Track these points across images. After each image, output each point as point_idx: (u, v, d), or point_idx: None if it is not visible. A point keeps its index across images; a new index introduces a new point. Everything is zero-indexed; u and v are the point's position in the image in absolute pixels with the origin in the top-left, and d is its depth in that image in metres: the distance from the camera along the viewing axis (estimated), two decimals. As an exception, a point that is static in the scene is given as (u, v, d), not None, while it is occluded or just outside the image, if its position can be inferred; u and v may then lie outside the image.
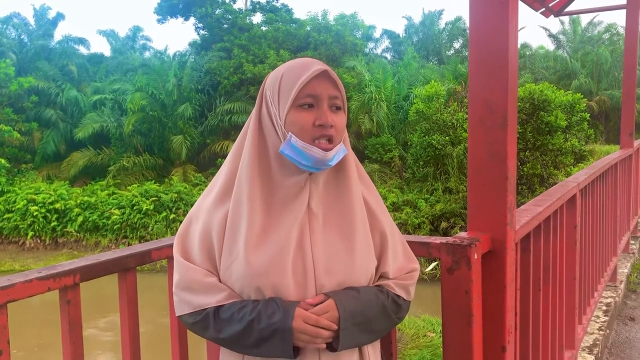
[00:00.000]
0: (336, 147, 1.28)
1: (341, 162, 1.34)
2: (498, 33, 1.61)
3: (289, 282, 1.23)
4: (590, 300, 3.52)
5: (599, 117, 27.64)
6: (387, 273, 1.38)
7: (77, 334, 1.45)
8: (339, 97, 1.30)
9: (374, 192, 1.43)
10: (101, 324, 11.41)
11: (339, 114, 1.30)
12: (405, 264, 1.43)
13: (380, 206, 1.42)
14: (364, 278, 1.32)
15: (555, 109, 14.43)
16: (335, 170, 1.35)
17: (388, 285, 1.38)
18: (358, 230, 1.32)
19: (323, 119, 1.25)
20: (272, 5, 27.68)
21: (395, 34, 34.18)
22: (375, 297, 1.32)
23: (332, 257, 1.28)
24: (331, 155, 1.26)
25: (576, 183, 2.89)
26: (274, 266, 1.23)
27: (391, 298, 1.36)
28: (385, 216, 1.42)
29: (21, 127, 21.16)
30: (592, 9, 6.22)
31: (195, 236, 1.32)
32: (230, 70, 22.00)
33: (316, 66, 1.27)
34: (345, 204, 1.33)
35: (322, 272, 1.27)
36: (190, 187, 18.83)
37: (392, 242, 1.40)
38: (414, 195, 16.58)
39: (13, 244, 17.57)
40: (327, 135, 1.26)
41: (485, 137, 1.67)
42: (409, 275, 1.43)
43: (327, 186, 1.34)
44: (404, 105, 20.17)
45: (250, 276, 1.23)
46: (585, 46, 30.99)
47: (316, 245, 1.28)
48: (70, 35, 26.41)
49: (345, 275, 1.29)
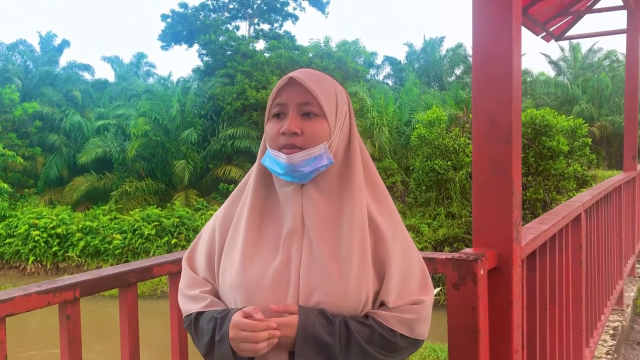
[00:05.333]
0: (303, 152, 1.21)
1: (345, 174, 1.27)
2: (501, 45, 1.62)
3: (267, 297, 1.20)
4: (597, 323, 3.46)
5: (600, 142, 27.68)
6: (386, 302, 1.23)
7: (77, 349, 1.42)
8: (312, 103, 1.23)
9: (387, 210, 1.31)
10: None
11: (312, 121, 1.23)
12: (412, 294, 1.26)
13: (392, 226, 1.29)
14: (353, 303, 1.20)
15: (557, 134, 14.47)
16: (337, 183, 1.27)
17: (381, 316, 1.22)
18: (353, 250, 1.20)
19: (285, 126, 1.22)
20: (275, 32, 28.07)
21: (396, 61, 34.48)
22: (354, 330, 1.17)
23: (318, 276, 1.20)
24: (296, 159, 1.21)
25: (581, 203, 2.87)
26: (254, 280, 1.22)
27: (377, 334, 1.19)
28: (398, 237, 1.28)
29: (25, 152, 21.25)
30: (592, 33, 6.28)
31: (204, 238, 1.37)
32: (233, 96, 22.16)
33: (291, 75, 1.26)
34: (343, 219, 1.23)
35: (307, 290, 1.20)
36: (192, 211, 18.79)
37: (398, 266, 1.25)
38: (416, 220, 16.51)
39: (14, 269, 17.49)
40: (289, 143, 1.22)
41: (490, 152, 1.66)
42: (412, 308, 1.24)
43: (327, 199, 1.26)
44: (406, 131, 20.24)
45: (235, 288, 1.24)
46: (585, 72, 31.19)
47: (305, 261, 1.21)
48: (75, 62, 26.75)
49: (331, 297, 1.19)
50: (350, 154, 1.28)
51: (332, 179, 1.27)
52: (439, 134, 16.19)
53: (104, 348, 11.18)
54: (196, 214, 18.63)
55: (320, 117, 1.24)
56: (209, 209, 19.19)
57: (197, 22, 26.41)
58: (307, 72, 1.27)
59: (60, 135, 22.37)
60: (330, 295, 1.18)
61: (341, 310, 1.19)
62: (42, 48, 26.40)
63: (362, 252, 1.22)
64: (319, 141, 1.23)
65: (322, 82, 1.27)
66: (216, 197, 20.72)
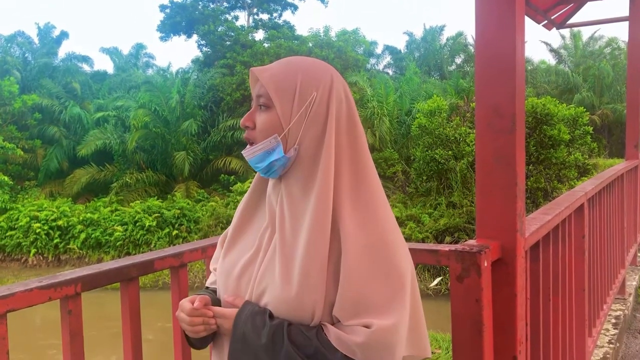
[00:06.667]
0: (251, 148, 1.19)
1: (311, 170, 1.16)
2: (504, 35, 1.59)
3: (234, 287, 1.24)
4: (600, 313, 3.46)
5: (601, 131, 27.60)
6: (338, 317, 1.11)
7: (79, 344, 1.42)
8: (264, 95, 1.18)
9: (365, 216, 1.14)
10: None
11: (263, 113, 1.19)
12: (367, 315, 1.08)
13: (364, 235, 1.12)
14: (299, 311, 1.11)
15: (558, 122, 14.43)
16: (304, 179, 1.16)
17: (328, 329, 1.11)
18: (306, 255, 1.11)
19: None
20: (274, 22, 27.93)
21: (396, 50, 34.32)
22: (287, 337, 1.09)
23: (269, 278, 1.16)
24: (249, 155, 1.20)
25: (584, 192, 2.85)
26: (228, 269, 1.27)
27: (314, 347, 1.08)
28: (368, 249, 1.11)
29: (24, 144, 21.22)
30: (594, 21, 6.23)
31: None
32: (233, 87, 22.08)
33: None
34: (304, 220, 1.14)
35: (258, 290, 1.19)
36: (192, 203, 18.79)
37: (355, 281, 1.09)
38: (417, 210, 16.50)
39: (15, 262, 17.52)
40: (246, 137, 1.22)
41: (493, 142, 1.65)
42: (360, 330, 1.07)
43: (296, 197, 1.17)
44: (407, 120, 20.18)
45: (218, 275, 1.31)
46: (586, 60, 31.03)
47: (267, 260, 1.20)
48: (73, 53, 26.64)
49: (277, 301, 1.13)
50: (320, 147, 1.16)
51: (299, 174, 1.17)
52: (440, 123, 16.14)
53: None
54: (197, 205, 18.62)
55: (270, 108, 1.18)
56: (210, 200, 19.19)
57: (196, 13, 26.28)
58: (272, 64, 1.23)
59: (60, 127, 22.32)
60: (277, 300, 1.14)
61: (287, 317, 1.12)
62: (41, 40, 26.28)
63: (316, 259, 1.11)
64: (268, 134, 1.17)
65: (278, 70, 1.19)
66: (217, 188, 20.71)
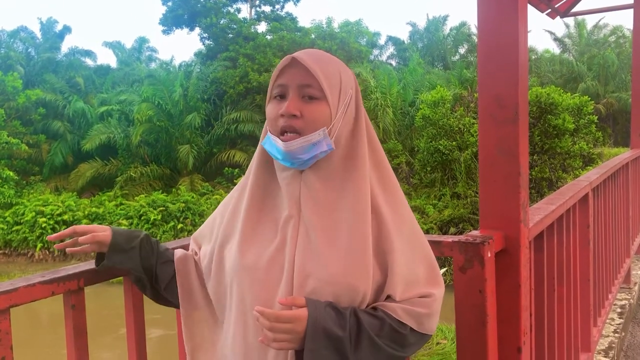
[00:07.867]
0: (300, 139, 1.17)
1: (349, 161, 1.21)
2: (507, 24, 1.58)
3: (261, 279, 1.20)
4: (605, 302, 3.45)
5: (606, 120, 27.49)
6: (392, 295, 1.17)
7: (82, 339, 1.42)
8: (313, 85, 1.18)
9: (395, 199, 1.25)
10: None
11: (312, 104, 1.19)
12: (420, 287, 1.21)
13: (399, 216, 1.23)
14: (350, 291, 1.14)
15: (562, 112, 14.36)
16: (340, 170, 1.22)
17: (390, 308, 1.16)
18: (352, 238, 1.16)
19: (284, 108, 1.19)
20: (277, 14, 27.80)
21: (400, 41, 34.18)
22: (364, 322, 1.11)
23: (313, 263, 1.16)
24: (294, 147, 1.17)
25: (588, 182, 2.83)
26: (251, 263, 1.23)
27: (388, 326, 1.13)
28: (405, 228, 1.23)
29: (29, 139, 21.30)
30: (598, 9, 6.17)
31: (210, 219, 1.44)
32: (236, 80, 22.06)
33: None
34: (343, 207, 1.19)
35: (302, 276, 1.16)
36: (197, 196, 18.83)
37: (403, 258, 1.18)
38: (421, 201, 16.49)
39: (22, 256, 17.63)
40: (288, 126, 1.18)
41: (497, 132, 1.64)
42: (422, 301, 1.19)
43: (326, 186, 1.21)
44: (410, 111, 20.13)
45: (234, 271, 1.25)
46: (591, 49, 30.86)
47: (300, 247, 1.18)
48: (76, 48, 26.73)
49: (326, 283, 1.14)
50: (355, 141, 1.23)
51: (334, 165, 1.22)
52: (444, 114, 16.09)
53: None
54: (201, 199, 18.67)
55: (321, 100, 1.19)
56: (214, 193, 19.23)
57: (198, 5, 26.20)
58: (311, 52, 1.23)
59: (64, 122, 22.38)
60: (326, 282, 1.14)
61: (338, 299, 1.14)
62: (44, 34, 26.32)
63: (362, 241, 1.16)
64: (319, 125, 1.18)
65: (325, 64, 1.21)
66: (221, 181, 20.74)
